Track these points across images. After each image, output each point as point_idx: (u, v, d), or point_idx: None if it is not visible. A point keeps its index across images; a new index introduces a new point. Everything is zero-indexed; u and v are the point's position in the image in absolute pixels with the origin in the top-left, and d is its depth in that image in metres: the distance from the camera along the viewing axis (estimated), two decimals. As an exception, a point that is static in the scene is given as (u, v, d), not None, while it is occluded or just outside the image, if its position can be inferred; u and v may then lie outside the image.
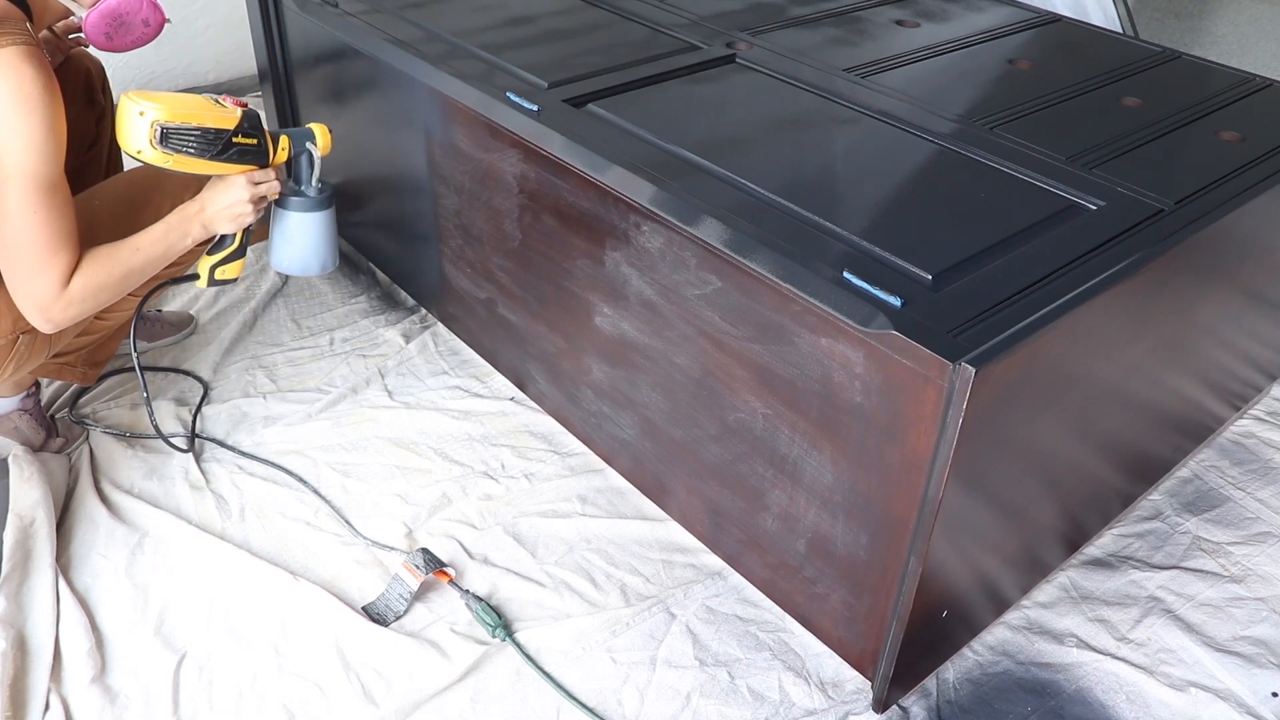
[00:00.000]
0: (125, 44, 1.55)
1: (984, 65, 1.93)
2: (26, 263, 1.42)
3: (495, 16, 1.99)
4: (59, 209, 1.41)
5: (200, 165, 1.53)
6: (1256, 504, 1.83)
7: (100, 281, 1.49)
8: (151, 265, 1.55)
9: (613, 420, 1.75)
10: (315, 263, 1.76)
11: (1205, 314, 1.61)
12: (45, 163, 1.38)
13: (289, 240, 1.72)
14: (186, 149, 1.50)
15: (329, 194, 1.72)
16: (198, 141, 1.50)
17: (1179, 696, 1.49)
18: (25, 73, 1.33)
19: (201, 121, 1.50)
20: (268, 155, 1.60)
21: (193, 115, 1.49)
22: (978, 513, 1.32)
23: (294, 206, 1.70)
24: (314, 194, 1.70)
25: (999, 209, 1.42)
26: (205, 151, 1.52)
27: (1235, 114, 1.78)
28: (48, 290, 1.44)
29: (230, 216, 1.59)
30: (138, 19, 1.53)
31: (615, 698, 1.47)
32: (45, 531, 1.62)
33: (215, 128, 1.51)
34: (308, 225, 1.72)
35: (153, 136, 1.46)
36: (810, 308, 1.25)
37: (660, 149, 1.53)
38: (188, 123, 1.48)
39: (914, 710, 1.47)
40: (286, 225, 1.71)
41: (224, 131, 1.53)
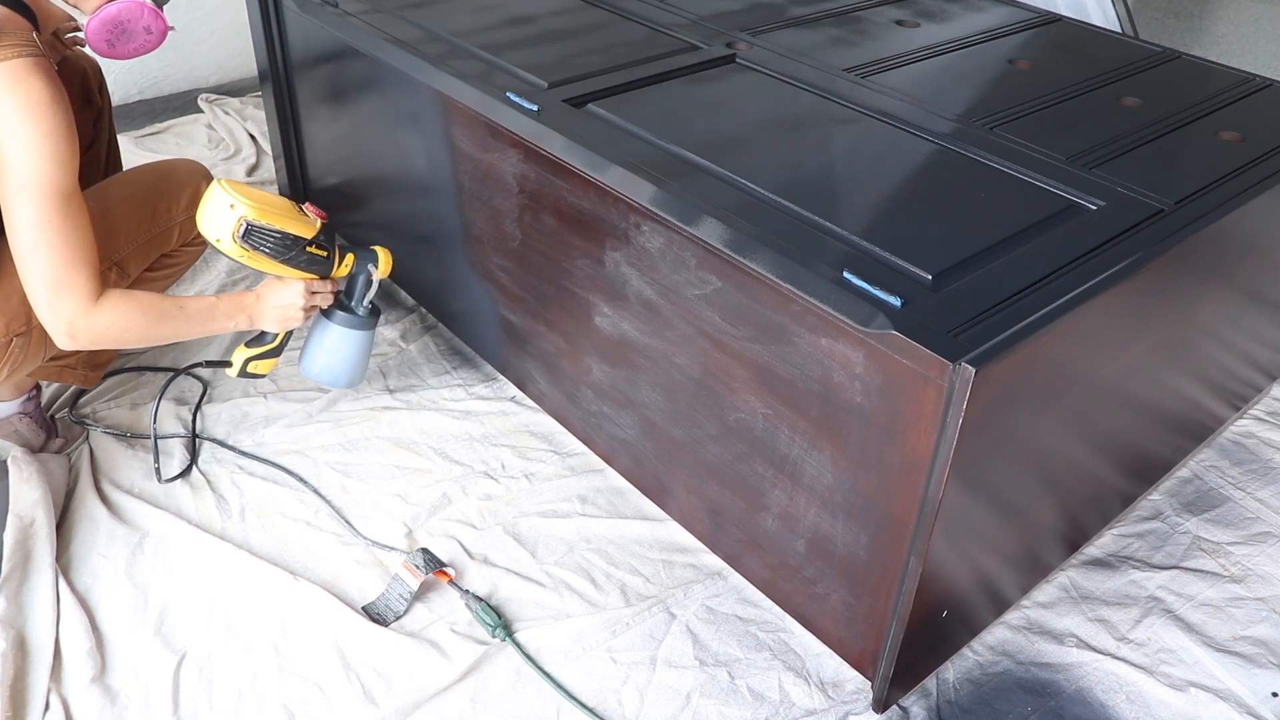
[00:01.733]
0: (128, 51, 1.55)
1: (984, 65, 1.93)
2: (49, 277, 1.40)
3: (495, 16, 1.99)
4: (75, 219, 1.40)
5: (271, 265, 1.59)
6: (1256, 504, 1.83)
7: (135, 322, 1.49)
8: (187, 331, 1.57)
9: (613, 420, 1.75)
10: (344, 378, 1.82)
11: (1205, 314, 1.61)
12: (59, 173, 1.37)
13: (326, 350, 1.78)
14: (264, 248, 1.56)
15: (376, 316, 1.79)
16: (276, 244, 1.56)
17: (1179, 696, 1.49)
18: (33, 84, 1.33)
19: (285, 226, 1.56)
20: (331, 267, 1.67)
21: (277, 219, 1.56)
22: (978, 513, 1.32)
23: (340, 321, 1.76)
24: (362, 313, 1.77)
25: (999, 209, 1.42)
26: (280, 254, 1.58)
27: (1235, 114, 1.78)
28: (75, 306, 1.42)
29: (280, 317, 1.65)
30: (139, 26, 1.52)
31: (615, 698, 1.47)
32: (45, 532, 1.62)
33: (295, 234, 1.58)
34: (348, 341, 1.77)
35: (237, 230, 1.52)
36: (810, 308, 1.25)
37: (660, 149, 1.53)
38: (272, 224, 1.55)
39: (914, 710, 1.47)
40: (327, 336, 1.77)
41: (302, 239, 1.59)
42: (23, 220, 1.37)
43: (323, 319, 1.77)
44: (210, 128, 3.00)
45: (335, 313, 1.75)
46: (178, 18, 3.04)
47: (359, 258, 1.72)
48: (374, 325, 1.80)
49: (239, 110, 3.07)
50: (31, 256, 1.39)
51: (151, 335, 1.54)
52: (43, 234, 1.37)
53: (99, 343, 1.48)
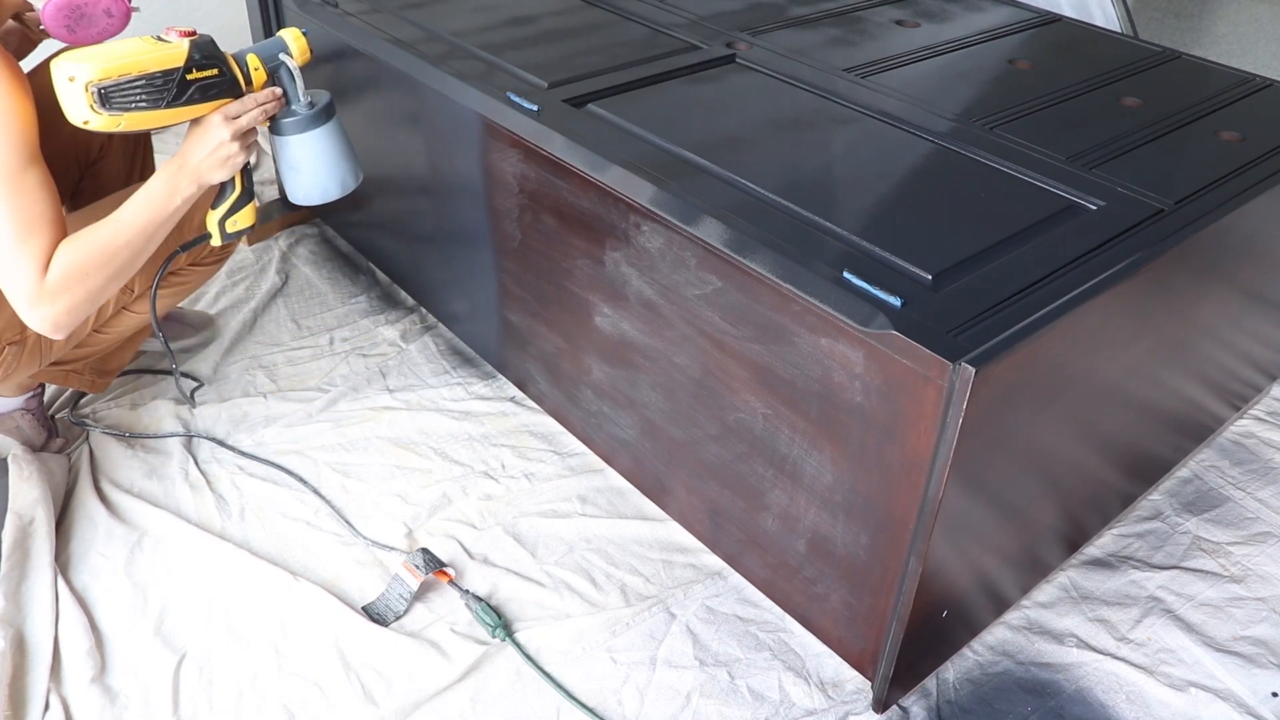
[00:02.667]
0: (90, 36, 1.44)
1: (984, 65, 1.93)
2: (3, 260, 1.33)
3: (495, 16, 1.99)
4: (27, 193, 1.32)
5: (161, 117, 1.35)
6: (1256, 504, 1.83)
7: (81, 264, 1.35)
8: (140, 238, 1.40)
9: (613, 420, 1.75)
10: (333, 185, 1.55)
11: (1205, 314, 1.61)
12: (16, 138, 1.31)
13: (294, 168, 1.53)
14: (137, 104, 1.32)
15: (325, 105, 1.50)
16: (145, 91, 1.32)
17: (1179, 696, 1.49)
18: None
19: (143, 68, 1.31)
20: (237, 82, 1.41)
21: (131, 64, 1.30)
22: (978, 513, 1.32)
23: (286, 130, 1.48)
24: (305, 110, 1.48)
25: (999, 209, 1.42)
26: (159, 100, 1.33)
27: (1235, 114, 1.78)
28: (27, 281, 1.34)
29: (218, 162, 1.41)
30: (99, 9, 1.42)
31: (615, 698, 1.47)
32: (44, 530, 1.62)
33: (161, 70, 1.32)
34: (307, 146, 1.51)
35: (92, 101, 1.29)
36: (810, 308, 1.25)
37: (660, 149, 1.53)
38: (126, 74, 1.30)
39: (914, 710, 1.47)
40: (286, 152, 1.52)
41: (173, 71, 1.33)
42: None
43: (274, 138, 1.51)
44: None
45: (280, 123, 1.48)
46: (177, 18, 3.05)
47: (263, 55, 1.45)
48: (328, 116, 1.50)
49: (239, 110, 3.07)
50: None
51: (110, 265, 1.38)
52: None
53: (69, 310, 1.37)
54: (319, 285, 2.34)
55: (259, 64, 1.43)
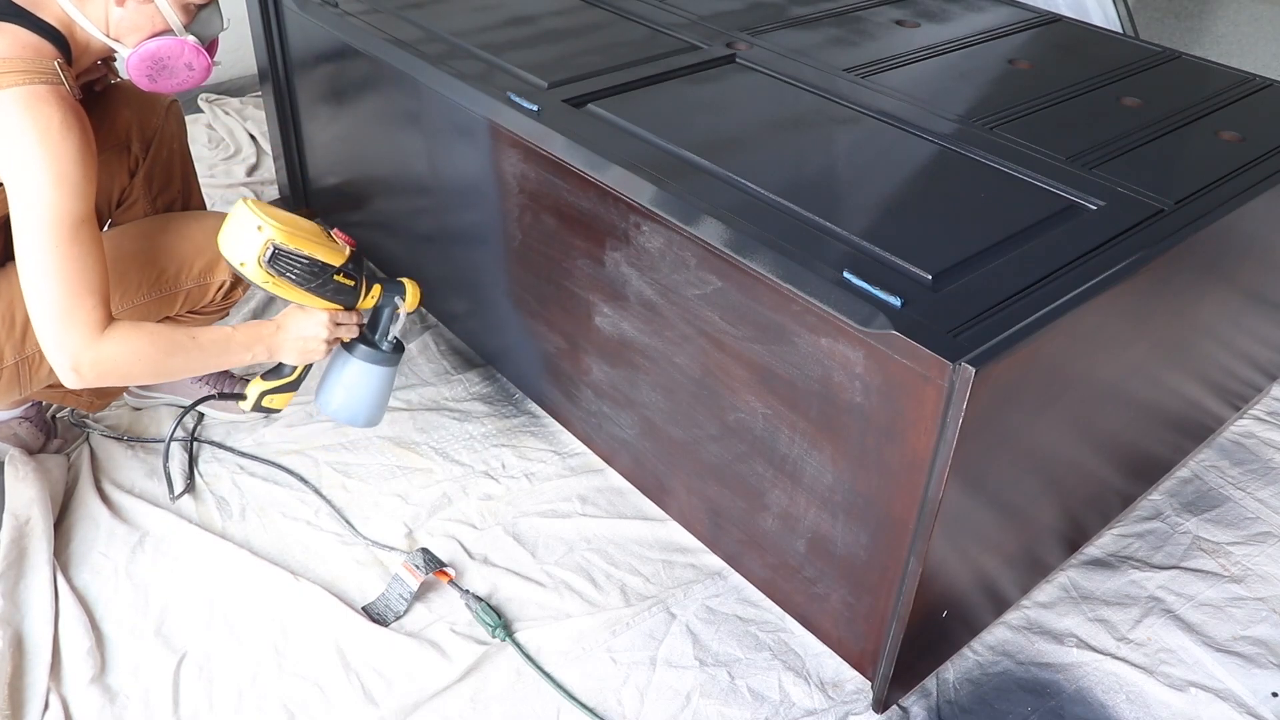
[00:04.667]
0: (170, 86, 1.49)
1: (984, 65, 1.93)
2: (54, 307, 1.32)
3: (495, 16, 1.99)
4: (84, 248, 1.34)
5: (295, 293, 1.48)
6: (1256, 504, 1.83)
7: (143, 355, 1.40)
8: (201, 364, 1.48)
9: (613, 420, 1.75)
10: (362, 416, 1.65)
11: (1205, 314, 1.61)
12: (67, 198, 1.31)
13: (345, 386, 1.62)
14: (290, 274, 1.44)
15: (399, 351, 1.64)
16: (303, 270, 1.45)
17: (1179, 696, 1.49)
18: (42, 110, 1.30)
19: (313, 252, 1.45)
20: (358, 297, 1.55)
21: (306, 243, 1.44)
22: (978, 513, 1.32)
23: (361, 355, 1.60)
24: (385, 348, 1.62)
25: (999, 209, 1.42)
26: (306, 282, 1.46)
27: (1235, 114, 1.78)
28: (80, 337, 1.34)
29: (300, 349, 1.54)
30: (180, 64, 1.46)
31: (615, 698, 1.47)
32: (41, 529, 1.62)
33: (323, 261, 1.46)
34: (368, 378, 1.62)
35: (263, 255, 1.41)
36: (810, 308, 1.25)
37: (660, 149, 1.53)
38: (300, 249, 1.43)
39: (914, 710, 1.47)
40: (347, 371, 1.61)
41: (330, 267, 1.47)
42: (29, 247, 1.31)
43: (343, 352, 1.61)
44: (210, 128, 2.99)
45: (357, 346, 1.60)
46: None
47: (386, 289, 1.59)
48: (397, 361, 1.64)
49: (239, 110, 3.07)
50: (37, 285, 1.32)
51: (161, 369, 1.44)
52: (48, 261, 1.31)
53: (105, 378, 1.39)
54: (319, 285, 2.34)
55: (378, 294, 1.59)
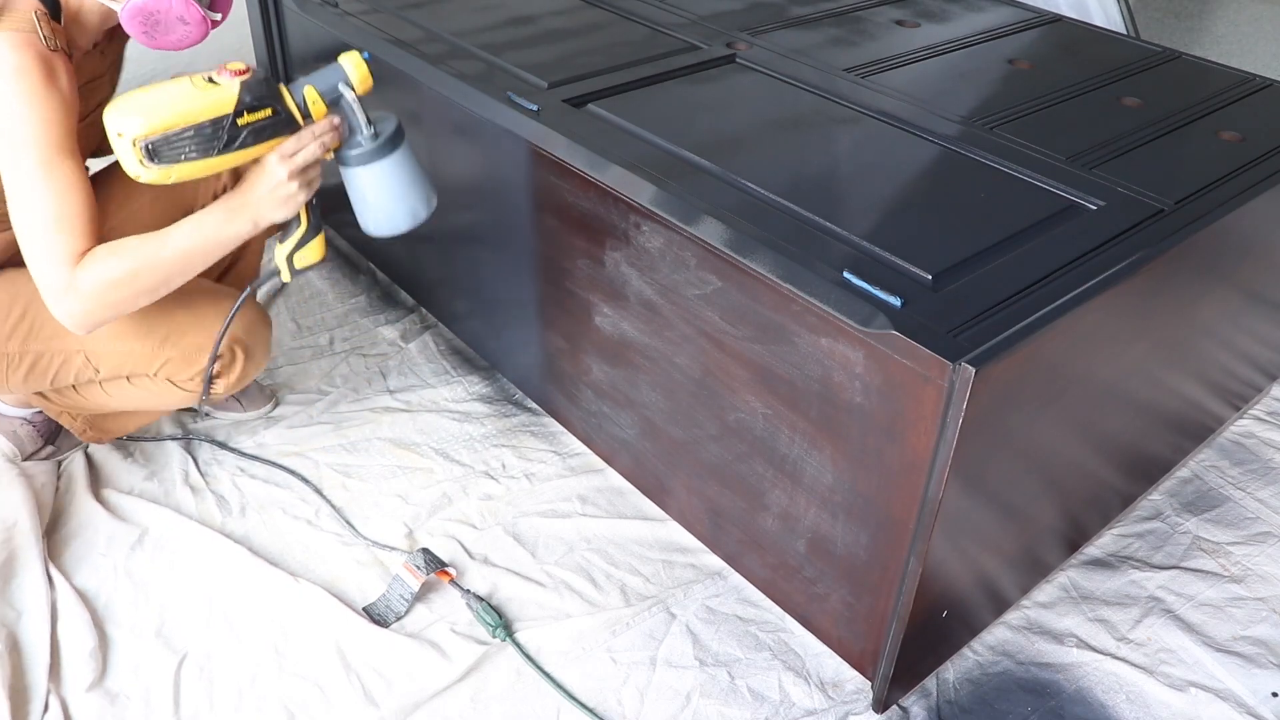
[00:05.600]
0: (169, 43, 1.42)
1: (984, 65, 1.93)
2: (31, 244, 1.32)
3: (495, 16, 1.99)
4: (57, 185, 1.30)
5: (215, 164, 1.28)
6: (1256, 504, 1.83)
7: (116, 273, 1.32)
8: (180, 262, 1.36)
9: (613, 420, 1.75)
10: (402, 216, 1.45)
11: (1205, 314, 1.61)
12: (39, 130, 1.29)
13: (361, 199, 1.43)
14: (187, 155, 1.25)
15: (390, 134, 1.39)
16: (195, 142, 1.25)
17: (1179, 696, 1.49)
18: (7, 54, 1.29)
19: (191, 118, 1.24)
20: (293, 119, 1.32)
21: (177, 115, 1.23)
22: (978, 513, 1.32)
23: (349, 161, 1.39)
24: (368, 143, 1.38)
25: (999, 209, 1.42)
26: (210, 149, 1.26)
27: (1235, 114, 1.78)
28: (54, 274, 1.32)
29: (278, 202, 1.36)
30: (173, 17, 1.38)
31: (615, 698, 1.47)
32: (28, 527, 1.62)
33: (210, 118, 1.25)
34: (373, 178, 1.41)
35: (141, 157, 1.23)
36: (810, 308, 1.25)
37: (660, 149, 1.53)
38: (173, 126, 1.23)
39: (914, 710, 1.47)
40: (352, 184, 1.43)
41: (222, 119, 1.26)
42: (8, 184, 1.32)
43: (341, 170, 1.42)
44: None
45: (344, 154, 1.39)
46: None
47: (321, 88, 1.34)
48: (394, 146, 1.39)
49: (239, 110, 3.07)
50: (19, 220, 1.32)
51: (149, 280, 1.35)
52: (27, 196, 1.31)
53: (94, 314, 1.35)
54: (318, 285, 2.34)
55: (317, 96, 1.34)
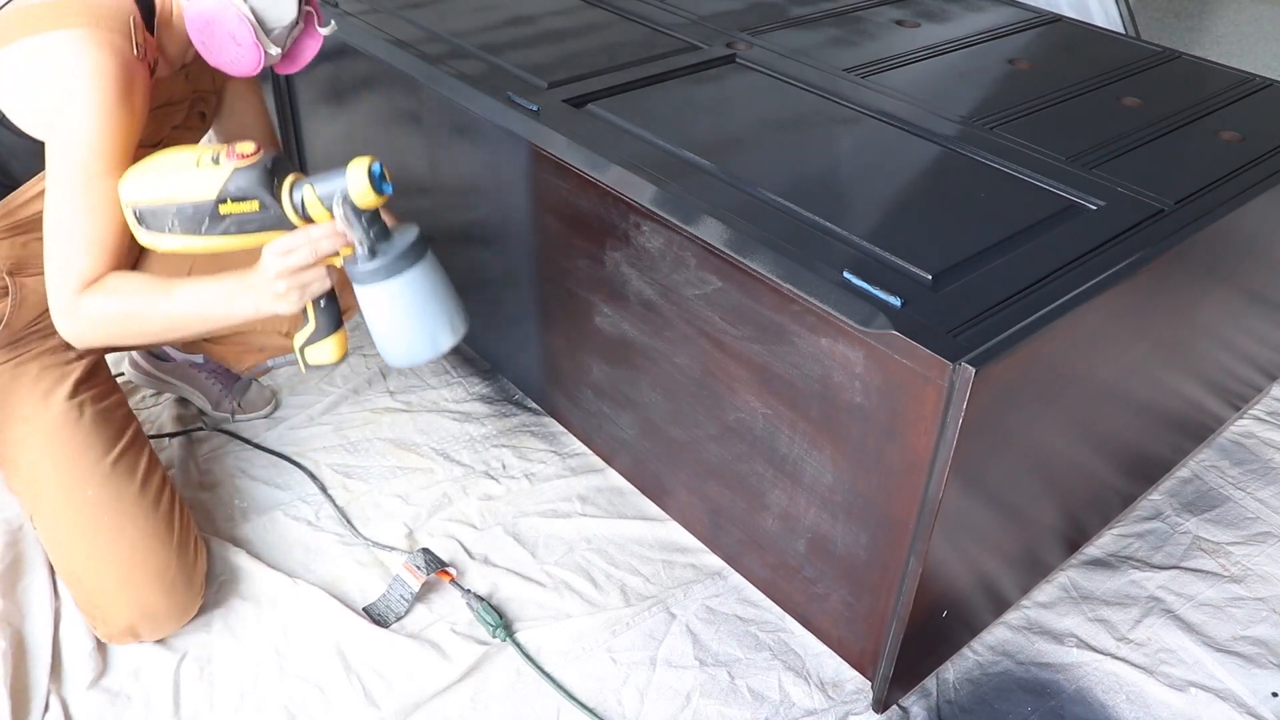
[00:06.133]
0: (219, 60, 1.34)
1: (984, 65, 1.93)
2: (51, 252, 1.26)
3: (495, 16, 1.99)
4: (98, 203, 1.24)
5: (203, 244, 1.20)
6: (1256, 504, 1.83)
7: (115, 310, 1.26)
8: (179, 324, 1.29)
9: (613, 420, 1.75)
10: (421, 344, 1.26)
11: (1205, 314, 1.61)
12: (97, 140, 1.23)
13: (370, 322, 1.25)
14: (172, 229, 1.19)
15: (402, 251, 1.21)
16: (179, 220, 1.19)
17: (1179, 696, 1.49)
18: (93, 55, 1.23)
19: (175, 196, 1.18)
20: (285, 219, 1.20)
21: (163, 190, 1.18)
22: (978, 513, 1.32)
23: (355, 278, 1.22)
24: (364, 260, 1.20)
25: (999, 209, 1.42)
26: (194, 229, 1.19)
27: (1235, 114, 1.78)
28: (61, 290, 1.26)
29: (271, 296, 1.24)
30: (225, 32, 1.31)
31: (615, 698, 1.47)
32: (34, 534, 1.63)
33: (191, 201, 1.18)
34: (379, 299, 1.22)
35: (133, 220, 1.21)
36: (810, 308, 1.25)
37: (660, 149, 1.53)
38: (157, 201, 1.19)
39: (914, 710, 1.47)
40: (367, 308, 1.25)
41: (204, 204, 1.18)
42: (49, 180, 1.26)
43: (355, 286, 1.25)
44: (210, 128, 2.99)
45: (348, 268, 1.22)
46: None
47: (320, 190, 1.19)
48: (409, 264, 1.21)
49: (239, 110, 3.07)
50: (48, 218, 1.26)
51: (139, 330, 1.29)
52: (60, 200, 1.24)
53: (84, 337, 1.29)
54: (319, 285, 2.34)
55: (315, 200, 1.19)
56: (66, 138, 1.24)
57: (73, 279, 1.26)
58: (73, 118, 1.24)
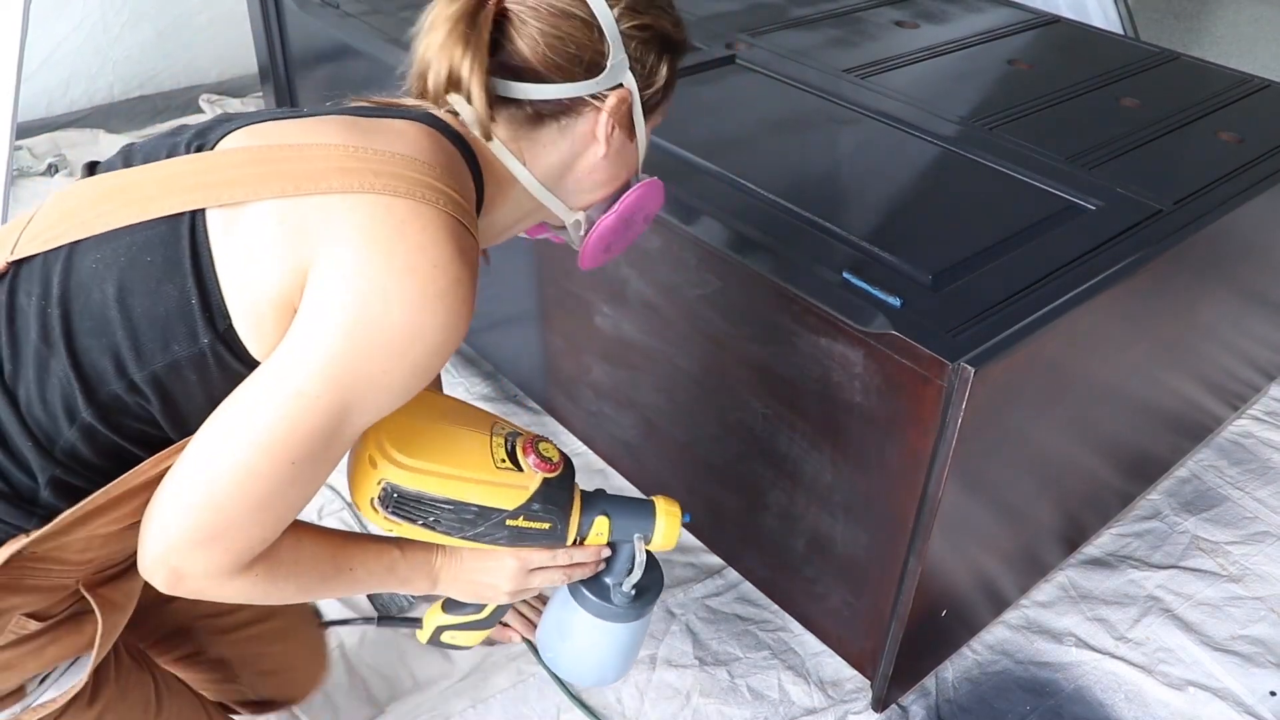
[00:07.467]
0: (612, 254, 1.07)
1: (984, 66, 1.94)
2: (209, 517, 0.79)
3: (496, 17, 2.00)
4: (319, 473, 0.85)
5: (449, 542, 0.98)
6: (1255, 503, 1.84)
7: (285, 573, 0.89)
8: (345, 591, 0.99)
9: (613, 420, 1.75)
10: (594, 674, 1.16)
11: (1204, 314, 1.62)
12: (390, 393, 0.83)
13: (564, 635, 1.12)
14: (426, 523, 0.95)
15: (650, 597, 1.09)
16: (446, 516, 0.95)
17: (1177, 695, 1.49)
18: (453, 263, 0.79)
19: (460, 494, 0.94)
20: (563, 537, 1.02)
21: (448, 485, 0.93)
22: (977, 512, 1.33)
23: (588, 605, 1.08)
24: (620, 600, 1.07)
25: (998, 209, 1.43)
26: (458, 530, 0.96)
27: (1234, 114, 1.78)
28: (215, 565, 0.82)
29: (475, 593, 1.05)
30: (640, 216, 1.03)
31: (615, 697, 1.47)
32: None
33: (480, 504, 0.95)
34: (594, 634, 1.10)
35: (376, 495, 0.93)
36: (810, 308, 1.26)
37: (660, 149, 1.53)
38: (434, 491, 0.93)
39: (913, 709, 1.47)
40: (567, 617, 1.11)
41: (495, 511, 0.96)
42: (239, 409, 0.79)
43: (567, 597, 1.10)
44: (211, 128, 2.99)
45: (581, 588, 1.08)
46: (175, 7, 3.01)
47: (618, 520, 1.06)
48: (642, 613, 1.10)
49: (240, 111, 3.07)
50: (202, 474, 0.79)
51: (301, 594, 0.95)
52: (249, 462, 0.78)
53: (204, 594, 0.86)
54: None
55: (605, 530, 1.06)
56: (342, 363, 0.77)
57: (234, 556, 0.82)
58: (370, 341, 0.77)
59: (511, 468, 0.98)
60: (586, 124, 0.91)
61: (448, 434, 0.97)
